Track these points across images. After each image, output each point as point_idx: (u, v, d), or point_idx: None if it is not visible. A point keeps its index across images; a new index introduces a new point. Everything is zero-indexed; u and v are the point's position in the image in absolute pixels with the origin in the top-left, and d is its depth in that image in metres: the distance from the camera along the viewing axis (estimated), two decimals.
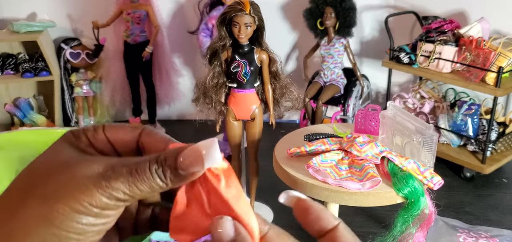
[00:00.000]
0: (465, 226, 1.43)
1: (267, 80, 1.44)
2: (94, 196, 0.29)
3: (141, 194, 0.31)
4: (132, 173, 0.30)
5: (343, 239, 0.32)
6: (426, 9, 2.02)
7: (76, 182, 0.30)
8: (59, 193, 0.29)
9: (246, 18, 1.34)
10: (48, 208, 0.29)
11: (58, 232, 0.29)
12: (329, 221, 0.32)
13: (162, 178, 0.31)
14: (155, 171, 0.31)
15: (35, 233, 0.29)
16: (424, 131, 1.14)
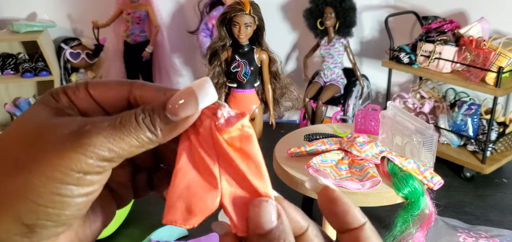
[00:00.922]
0: (465, 226, 1.43)
1: (267, 80, 1.44)
2: (73, 158, 0.25)
3: (129, 150, 0.26)
4: (116, 126, 0.26)
5: (368, 240, 0.29)
6: (426, 9, 2.02)
7: (51, 145, 0.25)
8: (32, 162, 0.25)
9: (246, 18, 1.34)
10: (21, 180, 0.25)
11: (36, 207, 0.25)
12: (356, 218, 0.29)
13: (151, 128, 0.26)
14: (142, 121, 0.26)
15: (9, 210, 0.25)
16: (424, 131, 1.14)
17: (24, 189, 0.25)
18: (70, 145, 0.25)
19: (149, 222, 1.43)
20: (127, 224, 1.42)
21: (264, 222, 0.28)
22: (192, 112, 0.27)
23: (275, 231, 0.28)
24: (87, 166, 0.25)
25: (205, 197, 0.30)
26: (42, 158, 0.25)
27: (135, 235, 1.40)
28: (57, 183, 0.25)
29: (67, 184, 0.25)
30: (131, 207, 1.44)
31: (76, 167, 0.25)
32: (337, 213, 0.30)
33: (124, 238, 1.39)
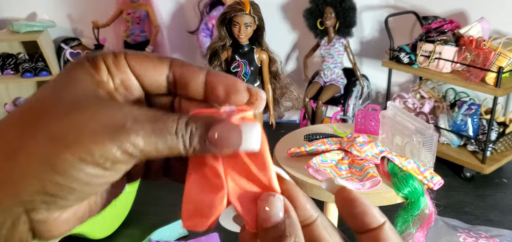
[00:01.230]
0: (465, 226, 1.43)
1: (267, 80, 1.44)
2: (107, 148, 0.26)
3: (157, 153, 0.27)
4: (155, 131, 0.27)
5: (388, 240, 0.29)
6: (426, 9, 2.02)
7: (91, 130, 0.26)
8: (68, 139, 0.26)
9: (246, 18, 1.34)
10: (53, 153, 0.26)
11: (62, 181, 0.26)
12: (375, 218, 0.29)
13: (186, 145, 0.27)
14: (181, 136, 0.27)
15: (36, 178, 0.26)
16: (424, 131, 1.14)
17: (55, 161, 0.26)
18: (109, 137, 0.26)
19: (149, 222, 1.43)
20: (127, 224, 1.42)
21: (271, 216, 0.28)
22: (232, 150, 0.28)
23: (282, 225, 0.28)
24: (118, 158, 0.26)
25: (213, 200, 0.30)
26: (79, 138, 0.26)
27: (135, 235, 1.40)
28: (86, 165, 0.26)
29: (94, 167, 0.26)
30: (131, 207, 1.44)
31: (108, 157, 0.26)
32: (355, 214, 0.30)
33: (124, 238, 1.39)
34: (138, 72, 0.30)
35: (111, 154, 0.26)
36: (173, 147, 0.27)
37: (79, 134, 0.26)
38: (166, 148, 0.27)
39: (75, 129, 0.26)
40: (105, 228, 1.33)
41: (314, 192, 1.09)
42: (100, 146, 0.26)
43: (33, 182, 0.26)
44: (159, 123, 0.27)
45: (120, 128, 0.26)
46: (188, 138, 0.27)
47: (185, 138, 0.27)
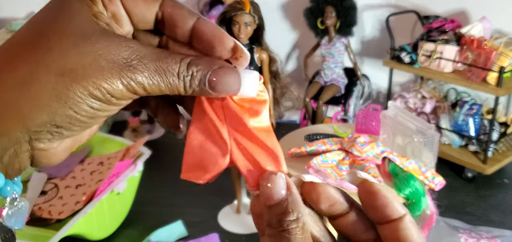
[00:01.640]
0: (467, 226, 1.42)
1: (267, 80, 1.43)
2: (114, 84, 0.27)
3: (159, 91, 0.29)
4: (159, 71, 0.28)
5: (408, 232, 0.30)
6: (427, 8, 2.01)
7: (99, 65, 0.27)
8: (78, 73, 0.27)
9: (246, 17, 1.33)
10: (64, 86, 0.27)
11: (70, 113, 0.27)
12: (396, 210, 0.30)
13: (187, 86, 0.29)
14: (183, 77, 0.28)
15: (46, 109, 0.27)
16: (426, 131, 1.13)
17: (66, 94, 0.27)
18: (116, 73, 0.27)
19: (148, 222, 1.42)
20: (126, 224, 1.41)
21: (273, 193, 0.29)
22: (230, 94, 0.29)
23: (284, 202, 0.29)
24: (121, 93, 0.28)
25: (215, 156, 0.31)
26: (89, 73, 0.27)
27: (134, 235, 1.39)
28: (94, 99, 0.27)
29: (101, 101, 0.28)
30: (130, 208, 1.43)
31: (115, 93, 0.28)
32: (377, 206, 0.31)
33: (124, 238, 1.38)
34: (128, 6, 0.31)
35: (117, 91, 0.28)
36: (174, 87, 0.29)
37: (89, 69, 0.27)
38: (167, 88, 0.28)
39: (84, 63, 0.27)
40: (105, 228, 1.33)
41: None
42: (109, 83, 0.27)
43: (43, 114, 0.27)
44: (163, 63, 0.28)
45: (127, 66, 0.27)
46: (189, 79, 0.28)
47: (186, 80, 0.28)
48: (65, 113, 0.27)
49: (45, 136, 0.28)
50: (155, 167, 1.44)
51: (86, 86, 0.27)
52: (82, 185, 1.38)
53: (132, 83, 0.28)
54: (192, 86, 0.29)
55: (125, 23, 0.31)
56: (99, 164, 1.45)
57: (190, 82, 0.29)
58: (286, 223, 0.29)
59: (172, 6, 0.31)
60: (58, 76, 0.27)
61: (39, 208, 1.32)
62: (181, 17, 0.31)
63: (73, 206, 1.29)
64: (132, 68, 0.28)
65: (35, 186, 1.40)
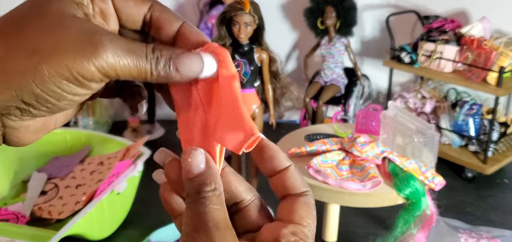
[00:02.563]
0: (467, 226, 1.42)
1: (267, 80, 1.43)
2: (84, 65, 0.28)
3: (128, 74, 0.30)
4: (129, 53, 0.29)
5: (292, 179, 0.35)
6: (427, 8, 2.01)
7: (69, 44, 0.28)
8: (48, 52, 0.28)
9: (246, 17, 1.33)
10: (33, 64, 0.27)
11: (37, 91, 0.28)
12: (282, 162, 0.35)
13: (153, 69, 0.30)
14: (150, 59, 0.30)
15: (15, 86, 0.28)
16: (426, 131, 1.13)
17: (33, 72, 0.27)
18: (85, 51, 0.28)
19: (148, 223, 1.42)
20: (126, 225, 1.41)
21: (193, 166, 0.32)
22: (193, 76, 0.31)
23: (203, 174, 0.32)
24: (92, 74, 0.28)
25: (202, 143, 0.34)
26: (57, 52, 0.28)
27: (134, 235, 1.39)
28: (62, 78, 0.28)
29: (70, 82, 0.28)
30: (130, 208, 1.43)
31: (83, 72, 0.28)
32: (265, 159, 0.35)
33: (124, 239, 1.38)
34: (118, 5, 0.32)
35: (87, 71, 0.28)
36: (142, 70, 0.30)
37: (58, 48, 0.28)
38: (136, 70, 0.30)
39: (55, 42, 0.28)
40: (105, 228, 1.33)
41: (315, 192, 1.08)
42: (78, 62, 0.28)
43: (11, 90, 0.28)
44: (131, 44, 0.29)
45: (98, 45, 0.28)
46: (155, 62, 0.30)
47: (152, 62, 0.30)
48: (32, 91, 0.28)
49: (14, 112, 0.29)
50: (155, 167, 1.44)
51: (54, 66, 0.28)
52: (82, 185, 1.38)
53: (103, 64, 0.28)
54: (158, 68, 0.30)
55: (112, 21, 0.33)
56: (99, 164, 1.45)
57: (156, 64, 0.30)
58: (204, 192, 0.31)
59: (160, 11, 0.33)
60: (28, 55, 0.28)
61: (39, 208, 1.32)
62: (168, 21, 0.33)
63: (73, 206, 1.29)
64: (103, 48, 0.28)
65: (35, 186, 1.40)
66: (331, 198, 1.06)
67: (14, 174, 1.48)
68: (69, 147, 1.58)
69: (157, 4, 0.33)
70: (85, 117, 2.63)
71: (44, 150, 1.52)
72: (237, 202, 0.36)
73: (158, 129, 2.16)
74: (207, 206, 0.31)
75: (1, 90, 0.28)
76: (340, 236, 1.18)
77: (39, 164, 1.52)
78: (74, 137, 1.59)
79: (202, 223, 0.31)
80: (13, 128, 0.30)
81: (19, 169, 1.49)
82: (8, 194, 1.44)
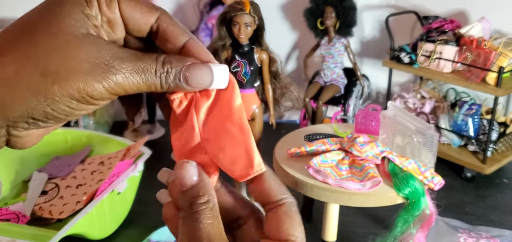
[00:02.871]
0: (466, 226, 1.42)
1: (267, 80, 1.43)
2: (94, 87, 0.29)
3: (136, 89, 0.31)
4: (137, 71, 0.30)
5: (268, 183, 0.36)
6: (426, 8, 2.02)
7: (82, 68, 0.29)
8: (60, 74, 0.29)
9: (246, 17, 1.33)
10: (44, 85, 0.29)
11: (47, 110, 0.29)
12: None
13: (163, 83, 0.31)
14: (160, 74, 0.31)
15: (26, 104, 0.29)
16: (425, 131, 1.13)
17: (44, 93, 0.29)
18: (95, 73, 0.29)
19: (149, 222, 1.43)
20: (126, 225, 1.42)
21: (185, 178, 0.33)
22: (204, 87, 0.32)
23: (195, 187, 0.33)
24: (101, 95, 0.30)
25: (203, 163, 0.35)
26: (68, 74, 0.29)
27: (134, 235, 1.39)
28: (72, 99, 0.29)
29: (79, 102, 0.30)
30: (131, 208, 1.44)
31: (93, 93, 0.29)
32: None
33: (124, 238, 1.39)
34: (125, 15, 0.33)
35: (96, 92, 0.29)
36: (152, 85, 0.31)
37: (70, 71, 0.29)
38: (146, 86, 0.31)
39: (66, 65, 0.29)
40: (105, 228, 1.33)
41: (314, 192, 1.08)
42: (88, 84, 0.29)
43: (23, 108, 0.29)
44: (141, 62, 0.30)
45: (108, 67, 0.29)
46: (165, 76, 0.31)
47: (162, 77, 0.31)
48: (43, 110, 0.29)
49: (22, 125, 0.30)
50: (155, 167, 1.44)
51: (65, 87, 0.29)
52: (83, 185, 1.38)
53: (113, 84, 0.29)
54: (167, 81, 0.31)
55: (119, 29, 0.33)
56: (99, 164, 1.45)
57: (166, 78, 0.31)
58: (197, 205, 0.32)
59: (168, 23, 0.33)
60: (41, 75, 0.29)
61: (39, 208, 1.32)
62: (174, 34, 0.33)
63: (74, 205, 1.29)
64: (113, 69, 0.29)
65: (35, 186, 1.41)
66: (330, 197, 1.07)
67: (14, 173, 1.48)
68: (70, 147, 1.58)
69: (165, 16, 0.33)
70: (85, 118, 2.63)
71: (44, 150, 1.53)
72: (237, 218, 0.37)
73: (158, 129, 2.17)
74: (201, 221, 0.32)
75: (13, 107, 0.29)
76: (340, 235, 1.19)
77: (39, 163, 1.52)
78: (74, 137, 1.59)
79: (197, 239, 0.32)
80: (18, 137, 0.31)
81: (19, 169, 1.49)
82: (9, 194, 1.44)
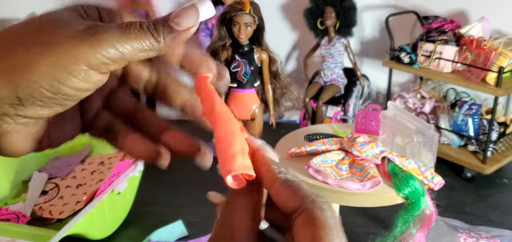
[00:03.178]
0: (466, 226, 1.42)
1: (267, 80, 1.43)
2: (83, 50, 0.28)
3: (132, 52, 0.30)
4: (123, 29, 0.29)
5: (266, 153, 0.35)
6: (426, 8, 2.02)
7: (65, 35, 0.28)
8: (44, 45, 0.28)
9: (246, 17, 1.34)
10: (29, 57, 0.27)
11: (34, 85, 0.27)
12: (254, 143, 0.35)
13: (154, 34, 0.30)
14: (146, 27, 0.30)
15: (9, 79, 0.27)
16: (425, 131, 1.13)
17: (29, 65, 0.27)
18: (83, 38, 0.28)
19: (148, 222, 1.43)
20: (126, 225, 1.42)
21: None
22: (193, 23, 0.31)
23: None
24: (94, 60, 0.28)
25: None
26: (54, 43, 0.28)
27: (134, 235, 1.39)
28: (62, 69, 0.27)
29: (70, 73, 0.28)
30: (130, 208, 1.44)
31: (84, 59, 0.28)
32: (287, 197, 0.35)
33: (124, 238, 1.39)
34: None
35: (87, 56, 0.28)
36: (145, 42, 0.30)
37: (55, 40, 0.28)
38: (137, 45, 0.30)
39: (51, 36, 0.28)
40: (105, 228, 1.33)
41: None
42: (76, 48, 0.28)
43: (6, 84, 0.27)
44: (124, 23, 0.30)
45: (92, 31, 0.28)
46: (153, 28, 0.30)
47: (151, 29, 0.30)
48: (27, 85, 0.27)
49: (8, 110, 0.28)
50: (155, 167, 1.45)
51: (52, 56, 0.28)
52: (83, 185, 1.38)
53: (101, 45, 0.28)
54: (159, 33, 0.30)
55: None
56: (99, 164, 1.45)
57: (156, 29, 0.30)
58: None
59: None
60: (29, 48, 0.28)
61: (39, 208, 1.33)
62: None
63: (74, 205, 1.29)
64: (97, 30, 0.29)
65: (35, 186, 1.41)
66: (330, 197, 1.07)
67: (15, 174, 1.48)
68: (70, 147, 1.58)
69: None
70: None
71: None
72: None
73: None
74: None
75: None
76: None
77: (39, 163, 1.52)
78: None
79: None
80: (6, 132, 0.30)
81: (20, 169, 1.49)
82: (9, 194, 1.44)
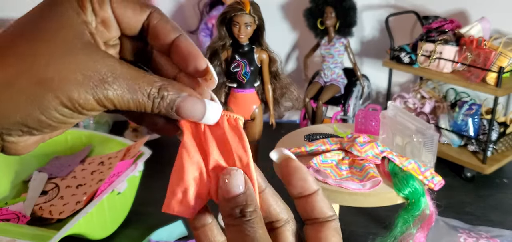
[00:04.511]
0: (466, 226, 1.42)
1: (267, 80, 1.43)
2: (87, 99, 0.30)
3: (126, 108, 0.32)
4: (131, 90, 0.30)
5: (322, 203, 0.35)
6: (426, 8, 2.02)
7: (76, 79, 0.29)
8: (55, 82, 0.29)
9: (246, 17, 1.33)
10: (40, 93, 0.29)
11: (41, 118, 0.30)
12: (311, 186, 0.35)
13: (154, 107, 0.32)
14: (153, 98, 0.31)
15: (20, 112, 0.29)
16: (425, 131, 1.13)
17: (40, 102, 0.29)
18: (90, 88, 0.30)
19: (148, 222, 1.43)
20: (126, 224, 1.42)
21: (232, 187, 0.32)
22: (197, 118, 0.32)
23: (242, 196, 0.32)
24: (94, 107, 0.30)
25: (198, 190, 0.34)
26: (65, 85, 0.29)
27: (134, 235, 1.39)
28: (66, 108, 0.30)
29: (72, 111, 0.30)
30: (130, 208, 1.44)
31: (86, 106, 0.30)
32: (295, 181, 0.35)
33: (124, 238, 1.39)
34: (118, 12, 0.33)
35: (88, 104, 0.30)
36: (142, 106, 0.31)
37: (65, 81, 0.29)
38: (135, 105, 0.31)
39: (62, 74, 0.30)
40: (105, 228, 1.33)
41: None
42: (82, 96, 0.30)
43: (17, 115, 0.30)
44: (136, 83, 0.31)
45: (102, 82, 0.30)
46: (159, 101, 0.31)
47: (156, 101, 0.31)
48: (37, 118, 0.30)
49: (16, 132, 0.30)
50: (155, 167, 1.44)
51: (59, 97, 0.29)
52: (83, 185, 1.38)
53: (103, 98, 0.30)
54: (160, 107, 0.31)
55: (113, 28, 0.33)
56: (99, 164, 1.45)
57: (159, 103, 0.31)
58: (248, 213, 0.32)
59: (159, 19, 0.34)
60: (37, 84, 0.29)
61: (40, 208, 1.33)
62: (164, 31, 0.34)
63: (74, 205, 1.29)
64: (106, 84, 0.30)
65: (35, 186, 1.41)
66: (330, 197, 1.07)
67: (14, 174, 1.48)
68: (70, 147, 1.59)
69: (156, 13, 0.34)
70: None
71: (44, 150, 1.53)
72: (272, 221, 0.36)
73: None
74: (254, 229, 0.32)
75: (7, 114, 0.29)
76: None
77: (39, 163, 1.52)
78: (74, 137, 1.59)
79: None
80: (12, 143, 0.31)
81: (19, 169, 1.49)
82: (9, 194, 1.44)
